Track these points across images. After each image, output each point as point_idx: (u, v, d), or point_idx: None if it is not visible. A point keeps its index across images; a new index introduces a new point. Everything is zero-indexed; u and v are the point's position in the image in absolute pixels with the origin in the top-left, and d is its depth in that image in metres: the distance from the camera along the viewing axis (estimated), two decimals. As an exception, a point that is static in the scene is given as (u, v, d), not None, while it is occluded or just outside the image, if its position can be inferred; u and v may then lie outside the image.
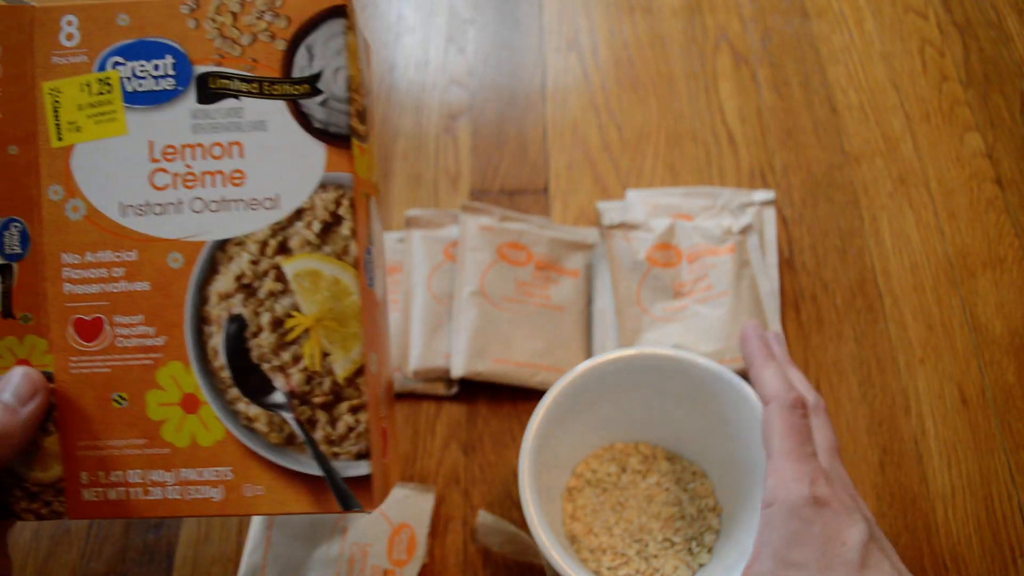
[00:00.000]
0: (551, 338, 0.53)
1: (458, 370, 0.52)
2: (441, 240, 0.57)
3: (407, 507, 0.49)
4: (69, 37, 0.33)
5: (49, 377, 0.32)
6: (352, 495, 0.32)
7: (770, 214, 0.58)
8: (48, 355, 0.32)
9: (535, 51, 0.68)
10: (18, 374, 0.31)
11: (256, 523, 0.47)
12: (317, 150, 0.32)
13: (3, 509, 0.33)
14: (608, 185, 0.61)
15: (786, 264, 0.58)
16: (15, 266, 0.32)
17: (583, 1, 0.70)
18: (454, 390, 0.53)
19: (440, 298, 0.55)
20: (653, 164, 0.62)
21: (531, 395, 0.52)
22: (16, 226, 0.32)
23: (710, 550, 0.46)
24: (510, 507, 0.50)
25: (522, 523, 0.49)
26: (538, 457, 0.43)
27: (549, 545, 0.39)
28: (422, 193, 0.61)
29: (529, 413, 0.44)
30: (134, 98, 0.33)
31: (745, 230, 0.56)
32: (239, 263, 0.32)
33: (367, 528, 0.48)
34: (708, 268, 0.54)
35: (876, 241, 0.58)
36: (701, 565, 0.45)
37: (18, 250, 0.32)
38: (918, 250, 0.58)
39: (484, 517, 0.48)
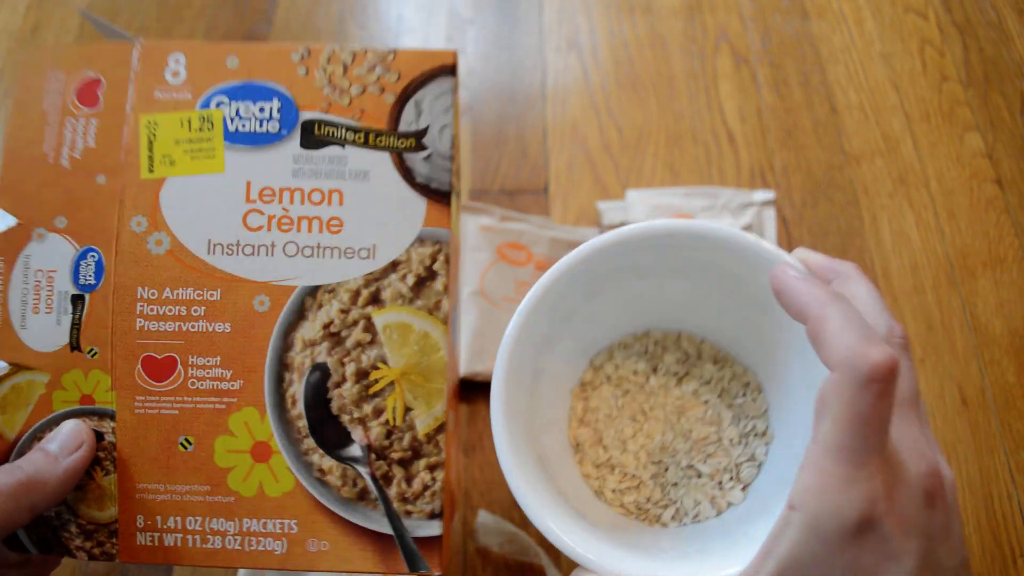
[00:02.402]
0: None
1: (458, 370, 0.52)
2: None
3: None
4: (175, 75, 0.33)
5: (111, 415, 0.31)
6: (421, 557, 0.31)
7: (770, 214, 0.58)
8: (111, 392, 0.31)
9: (535, 51, 0.68)
10: (68, 427, 0.31)
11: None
12: (418, 204, 0.32)
13: (58, 545, 0.31)
14: (608, 185, 0.61)
15: (786, 264, 0.58)
16: (87, 297, 0.31)
17: (583, 1, 0.70)
18: (454, 390, 0.53)
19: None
20: (653, 164, 0.62)
21: (531, 395, 0.52)
22: (93, 256, 0.31)
23: (746, 488, 0.36)
24: (510, 507, 0.50)
25: (522, 523, 0.49)
26: (546, 343, 0.35)
27: (510, 465, 0.31)
28: (422, 193, 0.61)
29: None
30: (235, 137, 0.32)
31: (745, 230, 0.56)
32: (328, 311, 0.32)
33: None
34: None
35: (876, 241, 0.58)
36: (730, 504, 0.36)
37: (92, 281, 0.31)
38: (918, 250, 0.58)
39: (484, 517, 0.47)
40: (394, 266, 0.32)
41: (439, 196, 0.33)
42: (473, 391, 0.53)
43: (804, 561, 0.25)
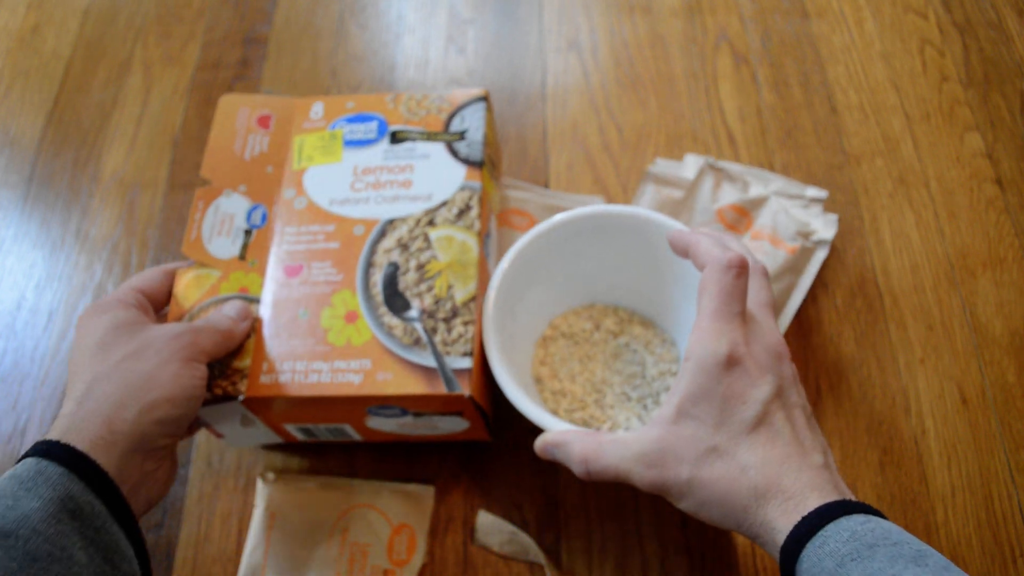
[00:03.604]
0: None
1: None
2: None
3: (407, 507, 0.49)
4: (316, 114, 0.53)
5: (258, 300, 0.47)
6: (456, 380, 0.43)
7: (816, 211, 0.57)
8: (261, 287, 0.47)
9: (535, 51, 0.68)
10: (241, 303, 0.46)
11: (256, 523, 0.47)
12: (460, 169, 0.50)
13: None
14: (608, 185, 0.61)
15: (786, 264, 0.58)
16: (254, 232, 0.49)
17: (583, 1, 0.70)
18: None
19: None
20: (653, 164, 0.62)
21: (531, 395, 0.52)
22: (261, 209, 0.50)
23: None
24: (510, 507, 0.50)
25: (522, 523, 0.49)
26: (515, 306, 0.48)
27: (500, 371, 0.44)
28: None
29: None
30: (349, 143, 0.52)
31: (821, 243, 0.55)
32: (400, 231, 0.48)
33: (367, 528, 0.48)
34: (761, 255, 0.53)
35: (876, 241, 0.58)
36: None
37: (259, 223, 0.50)
38: (918, 250, 0.58)
39: (484, 517, 0.48)
40: (444, 204, 0.49)
41: (474, 164, 0.50)
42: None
43: (695, 392, 0.35)
